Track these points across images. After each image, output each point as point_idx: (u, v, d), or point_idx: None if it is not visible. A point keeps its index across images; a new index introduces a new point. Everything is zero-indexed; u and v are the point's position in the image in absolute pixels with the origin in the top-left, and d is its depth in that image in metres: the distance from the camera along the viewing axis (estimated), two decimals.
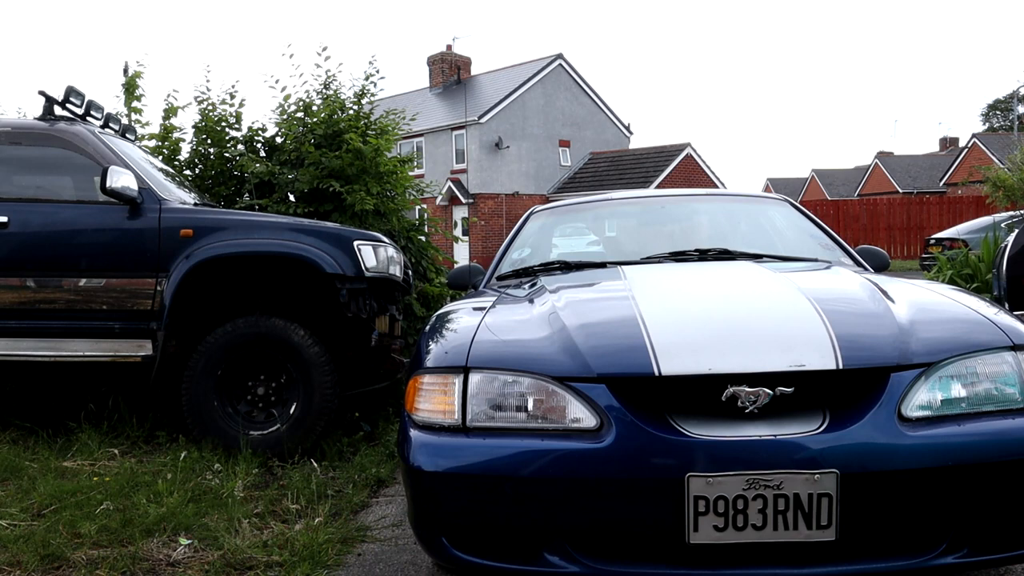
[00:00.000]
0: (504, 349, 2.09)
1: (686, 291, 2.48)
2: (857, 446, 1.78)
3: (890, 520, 1.81)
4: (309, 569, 2.64)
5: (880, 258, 3.37)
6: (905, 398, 1.86)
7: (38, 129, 4.30)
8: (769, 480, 1.75)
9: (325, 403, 3.99)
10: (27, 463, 3.73)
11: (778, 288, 2.35)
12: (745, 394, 1.83)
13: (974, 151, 34.38)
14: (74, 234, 4.10)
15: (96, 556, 2.73)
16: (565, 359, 1.99)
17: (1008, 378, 1.93)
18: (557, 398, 1.94)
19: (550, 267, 3.27)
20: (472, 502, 1.93)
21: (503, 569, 1.94)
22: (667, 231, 3.70)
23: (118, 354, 4.00)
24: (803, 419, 1.84)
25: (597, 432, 1.88)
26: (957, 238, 12.01)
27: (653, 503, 1.80)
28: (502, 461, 1.90)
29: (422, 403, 2.06)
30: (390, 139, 6.24)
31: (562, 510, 1.86)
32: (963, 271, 5.86)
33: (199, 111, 6.25)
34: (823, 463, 1.75)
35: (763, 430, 1.81)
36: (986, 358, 1.95)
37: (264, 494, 3.40)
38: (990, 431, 1.85)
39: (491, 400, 1.98)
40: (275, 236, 4.08)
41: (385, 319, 4.54)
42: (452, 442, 1.96)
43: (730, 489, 1.76)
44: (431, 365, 2.11)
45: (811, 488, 1.74)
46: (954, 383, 1.91)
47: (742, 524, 1.76)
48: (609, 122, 32.43)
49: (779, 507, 1.75)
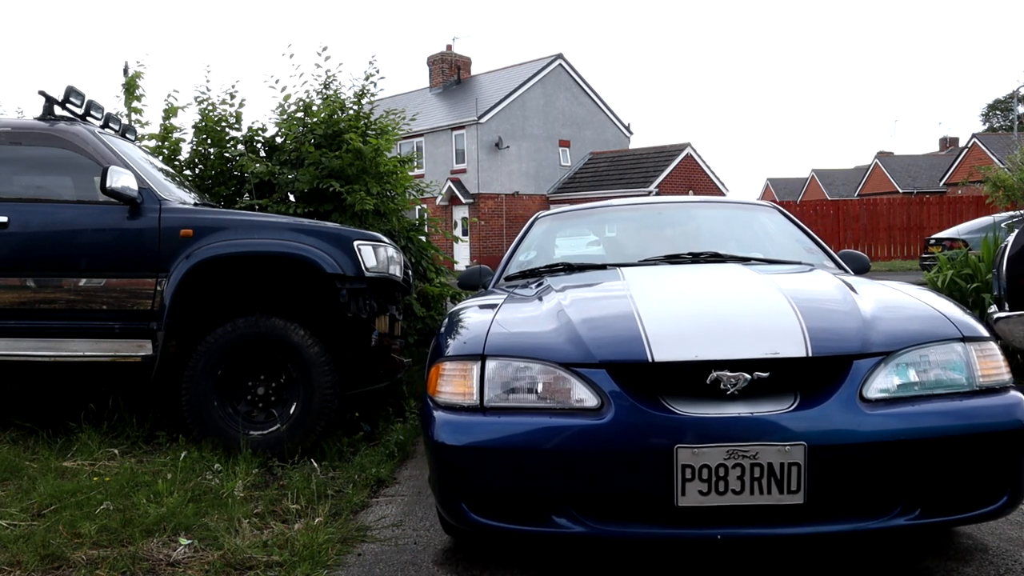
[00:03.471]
0: (516, 339, 2.39)
1: (677, 289, 2.78)
2: (823, 422, 2.07)
3: (851, 486, 2.09)
4: (309, 569, 2.64)
5: (860, 261, 3.62)
6: (866, 382, 2.15)
7: (38, 129, 4.30)
8: (746, 451, 2.03)
9: (325, 403, 3.98)
10: (27, 463, 3.73)
11: (759, 287, 2.64)
12: (727, 378, 2.11)
13: (974, 151, 34.37)
14: (74, 234, 4.10)
15: (96, 556, 2.73)
16: (570, 348, 2.27)
17: (956, 365, 2.23)
18: (563, 381, 2.22)
19: (554, 268, 3.53)
20: (489, 472, 2.20)
21: (516, 531, 2.22)
22: (663, 235, 3.93)
23: (118, 354, 3.99)
24: (777, 399, 2.13)
25: (598, 411, 2.16)
26: (957, 238, 12.00)
27: (646, 471, 2.08)
28: (515, 436, 2.18)
29: (444, 386, 2.34)
30: (390, 139, 6.24)
31: (568, 478, 2.14)
32: (963, 271, 5.86)
33: (199, 111, 6.26)
34: (793, 436, 2.04)
35: (742, 408, 2.09)
36: (938, 348, 2.24)
37: (264, 494, 3.40)
38: (939, 411, 2.14)
39: (505, 384, 2.27)
40: (275, 236, 4.07)
41: (385, 319, 4.54)
42: (471, 420, 2.24)
43: (713, 459, 2.04)
44: (452, 354, 2.39)
45: (782, 458, 2.03)
46: (909, 369, 2.21)
47: (723, 489, 2.05)
48: (609, 122, 32.41)
49: (755, 474, 2.04)
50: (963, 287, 5.74)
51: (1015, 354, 4.91)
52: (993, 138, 36.61)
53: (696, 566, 2.57)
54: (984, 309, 5.31)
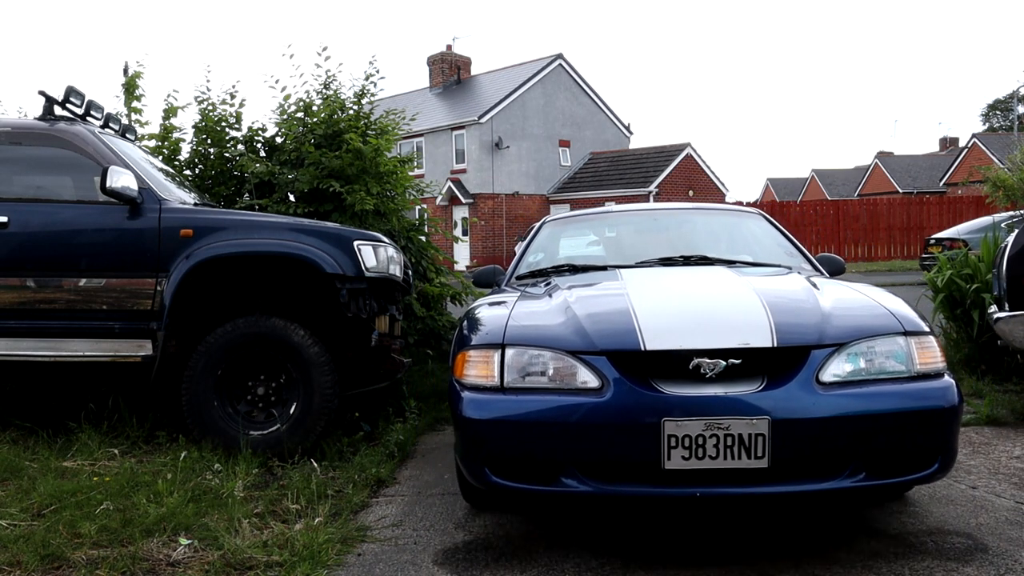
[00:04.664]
0: (531, 331, 2.78)
1: (667, 288, 3.21)
2: (784, 401, 2.46)
3: (807, 454, 2.48)
4: (309, 569, 2.64)
5: (835, 263, 4.01)
6: (822, 368, 2.55)
7: (38, 129, 4.30)
8: (721, 424, 2.42)
9: (325, 403, 3.98)
10: (27, 463, 3.73)
11: (737, 287, 3.05)
12: (706, 364, 2.50)
13: (974, 151, 34.37)
14: (74, 234, 4.10)
15: (96, 556, 2.73)
16: (576, 339, 2.67)
17: (898, 355, 2.63)
18: (570, 366, 2.62)
19: (561, 269, 3.95)
20: (508, 441, 2.60)
21: (531, 490, 2.61)
22: (658, 239, 4.33)
23: (118, 354, 3.99)
24: (747, 381, 2.52)
25: (599, 391, 2.55)
26: (957, 238, 12.00)
27: (639, 440, 2.47)
28: (530, 411, 2.58)
29: (469, 371, 2.74)
30: (390, 139, 6.23)
31: (574, 446, 2.53)
32: (963, 271, 5.83)
33: (199, 111, 6.25)
34: (759, 412, 2.43)
35: (718, 389, 2.49)
36: (883, 340, 2.64)
37: (264, 494, 3.40)
38: (882, 393, 2.54)
39: (521, 368, 2.67)
40: (275, 236, 4.07)
41: (385, 319, 4.54)
42: (493, 398, 2.64)
43: (693, 430, 2.43)
44: (476, 343, 2.79)
45: (750, 430, 2.42)
46: (858, 358, 2.60)
47: (701, 455, 2.43)
48: (609, 122, 32.41)
49: (727, 443, 2.42)
50: (963, 287, 5.72)
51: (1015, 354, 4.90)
52: (993, 138, 36.62)
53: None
54: (984, 309, 5.30)
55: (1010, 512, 3.08)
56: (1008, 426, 4.49)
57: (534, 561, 2.74)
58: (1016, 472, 3.62)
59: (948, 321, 6.01)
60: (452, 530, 3.09)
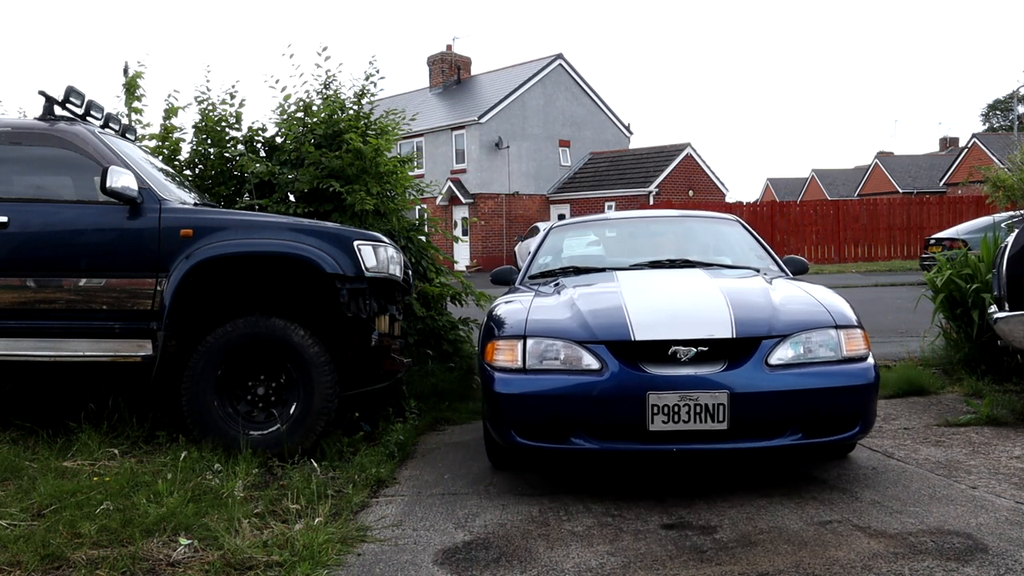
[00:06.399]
0: (546, 325, 3.51)
1: (653, 289, 3.91)
2: (740, 379, 3.20)
3: (757, 419, 3.22)
4: (309, 569, 2.64)
5: (799, 264, 4.73)
6: (770, 354, 3.28)
7: (38, 129, 4.30)
8: (692, 396, 3.16)
9: (325, 403, 3.99)
10: (27, 463, 3.73)
11: (709, 288, 3.75)
12: (681, 351, 3.24)
13: (974, 151, 34.37)
14: (74, 234, 4.10)
15: (96, 556, 2.73)
16: (581, 331, 3.41)
17: (830, 343, 3.35)
18: (577, 352, 3.35)
19: (566, 270, 4.65)
20: (529, 410, 3.34)
21: (547, 448, 3.37)
22: (648, 244, 5.13)
23: (118, 354, 4.00)
24: (712, 364, 3.25)
25: (599, 371, 3.28)
26: (957, 238, 12.00)
27: (630, 408, 3.19)
28: (546, 387, 3.32)
29: (498, 356, 3.47)
30: (390, 139, 6.22)
31: (580, 413, 3.28)
32: (963, 271, 5.83)
33: (199, 111, 6.24)
34: (721, 387, 3.18)
35: (690, 370, 3.23)
36: (818, 332, 3.37)
37: (264, 494, 3.41)
38: (817, 372, 3.29)
39: (539, 354, 3.40)
40: (275, 236, 4.08)
41: (385, 319, 4.54)
42: (517, 377, 3.38)
43: (671, 400, 3.16)
44: (503, 335, 3.54)
45: (714, 400, 3.15)
46: (799, 346, 3.33)
47: (677, 420, 3.16)
48: (609, 122, 32.40)
49: (696, 411, 3.15)
50: (963, 287, 5.71)
51: (1015, 354, 4.89)
52: (993, 138, 36.63)
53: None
54: (984, 309, 5.30)
55: (1010, 512, 3.08)
56: (1008, 426, 4.49)
57: (534, 561, 2.74)
58: (1016, 472, 3.62)
59: (948, 321, 6.01)
60: (452, 530, 3.10)
